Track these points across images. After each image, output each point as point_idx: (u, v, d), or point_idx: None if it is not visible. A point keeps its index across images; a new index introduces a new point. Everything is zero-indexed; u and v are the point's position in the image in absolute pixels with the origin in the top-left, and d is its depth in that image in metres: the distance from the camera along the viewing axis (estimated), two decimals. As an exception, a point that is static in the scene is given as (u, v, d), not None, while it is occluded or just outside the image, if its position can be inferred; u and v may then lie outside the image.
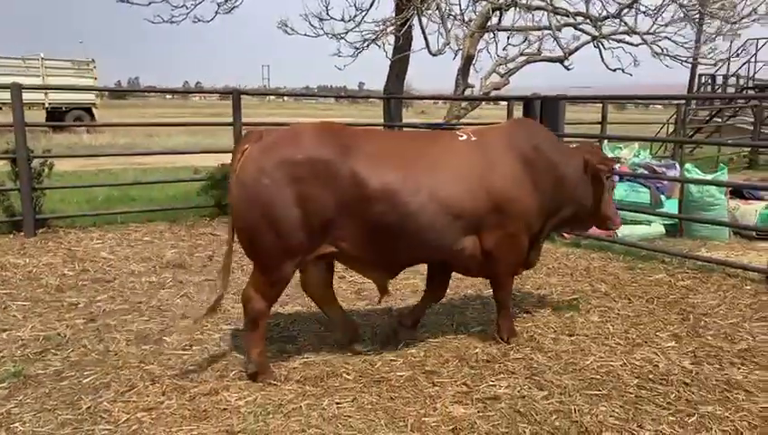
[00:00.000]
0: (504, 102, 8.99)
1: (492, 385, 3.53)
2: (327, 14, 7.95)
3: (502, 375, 3.65)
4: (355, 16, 7.78)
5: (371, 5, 7.82)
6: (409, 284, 5.44)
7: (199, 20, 8.63)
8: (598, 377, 3.64)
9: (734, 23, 8.72)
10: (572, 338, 4.22)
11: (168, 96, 68.83)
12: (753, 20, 8.54)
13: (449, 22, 8.34)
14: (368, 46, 8.15)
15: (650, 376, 3.65)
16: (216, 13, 8.91)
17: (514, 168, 3.80)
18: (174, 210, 8.09)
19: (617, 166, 4.58)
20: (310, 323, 4.50)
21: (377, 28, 7.97)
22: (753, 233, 7.17)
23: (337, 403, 3.30)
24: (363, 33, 7.88)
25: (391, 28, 7.99)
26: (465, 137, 3.90)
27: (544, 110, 7.48)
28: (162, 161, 14.33)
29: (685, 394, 3.43)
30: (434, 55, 7.77)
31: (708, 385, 3.54)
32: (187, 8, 8.50)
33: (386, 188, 3.43)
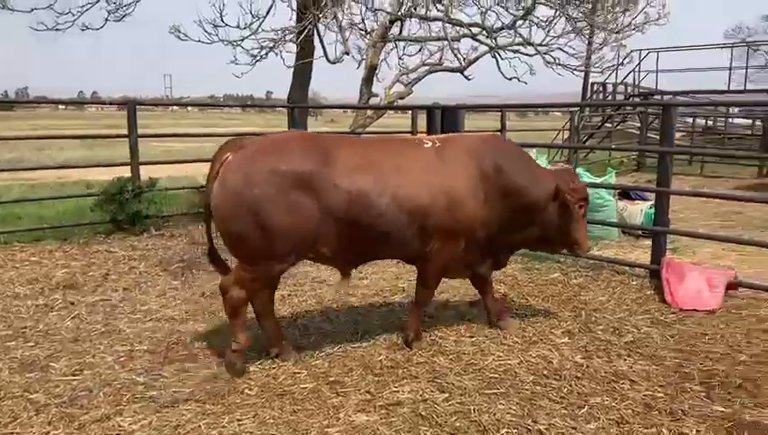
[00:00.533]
0: (409, 111, 9.18)
1: (395, 391, 3.56)
2: (221, 20, 7.81)
3: (405, 380, 3.69)
4: (251, 23, 7.68)
5: (268, 13, 7.77)
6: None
7: (88, 27, 8.23)
8: (496, 376, 3.76)
9: (617, 32, 9.35)
10: (473, 339, 4.34)
11: (61, 107, 65.09)
12: (634, 29, 9.21)
13: (347, 31, 8.41)
14: (266, 55, 8.07)
15: (545, 372, 3.81)
16: (107, 20, 8.54)
17: (470, 178, 4.00)
18: (65, 228, 7.64)
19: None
20: (213, 338, 4.37)
21: (275, 36, 7.92)
22: (639, 232, 7.65)
23: (238, 420, 3.23)
24: (260, 40, 7.80)
25: (291, 36, 7.95)
26: (430, 144, 4.13)
27: (445, 118, 7.69)
28: (53, 176, 13.53)
29: (576, 387, 3.60)
30: (332, 63, 7.81)
31: (597, 377, 3.74)
32: (73, 15, 8.09)
33: (362, 194, 3.65)
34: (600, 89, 20.68)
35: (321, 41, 7.03)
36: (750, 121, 19.78)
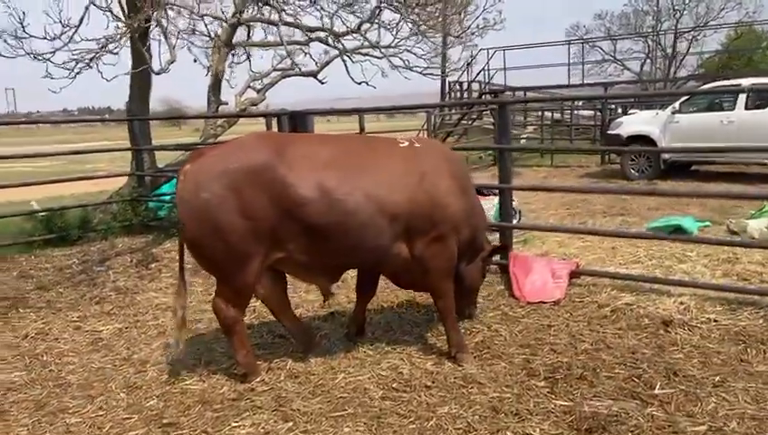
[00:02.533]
0: (262, 118, 8.82)
1: (235, 426, 3.28)
2: (24, 31, 6.99)
3: (247, 413, 3.42)
4: (61, 34, 6.96)
5: (81, 22, 7.07)
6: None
7: None
8: (345, 395, 3.58)
9: (458, 36, 9.63)
10: (324, 357, 4.14)
11: None
12: (473, 34, 9.54)
13: (174, 38, 7.87)
14: (84, 68, 7.34)
15: (394, 385, 3.69)
16: None
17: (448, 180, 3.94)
18: None
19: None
20: (30, 389, 3.84)
21: (95, 46, 7.25)
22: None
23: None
24: (75, 52, 7.08)
25: (113, 46, 7.34)
26: (406, 144, 4.02)
27: (295, 124, 7.44)
28: None
29: (425, 398, 3.51)
30: (157, 74, 7.32)
31: (447, 384, 3.68)
32: None
33: (321, 191, 3.51)
34: (458, 87, 21.44)
35: (141, 51, 6.47)
36: (593, 113, 21.38)
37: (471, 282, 4.46)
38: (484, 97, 18.29)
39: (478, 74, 19.24)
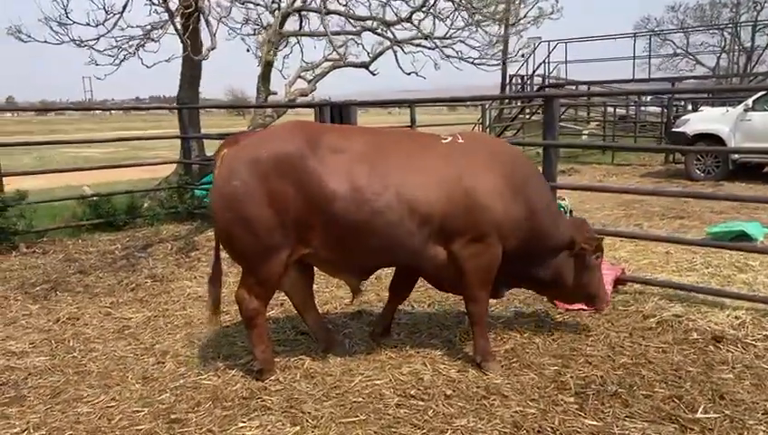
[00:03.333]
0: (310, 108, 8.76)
1: (242, 427, 3.18)
2: (67, 17, 7.08)
3: (256, 413, 3.31)
4: (105, 20, 7.04)
5: (124, 8, 7.11)
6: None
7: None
8: (360, 400, 3.42)
9: (512, 24, 9.26)
10: (344, 358, 3.99)
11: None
12: (529, 23, 9.15)
13: (216, 24, 7.77)
14: (133, 54, 7.41)
15: (413, 392, 3.50)
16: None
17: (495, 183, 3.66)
18: None
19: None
20: (51, 375, 3.86)
21: (140, 33, 7.29)
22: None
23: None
24: (118, 39, 7.14)
25: (157, 34, 7.37)
26: (449, 139, 3.80)
27: (339, 115, 7.32)
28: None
29: (443, 408, 3.31)
30: (198, 60, 7.28)
31: (468, 394, 3.47)
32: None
33: (350, 187, 3.38)
34: (519, 81, 20.89)
35: (180, 35, 6.44)
36: (660, 109, 20.42)
37: (562, 279, 4.07)
38: (545, 91, 17.71)
39: (538, 67, 18.66)
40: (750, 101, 11.51)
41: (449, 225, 3.54)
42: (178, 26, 6.93)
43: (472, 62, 9.52)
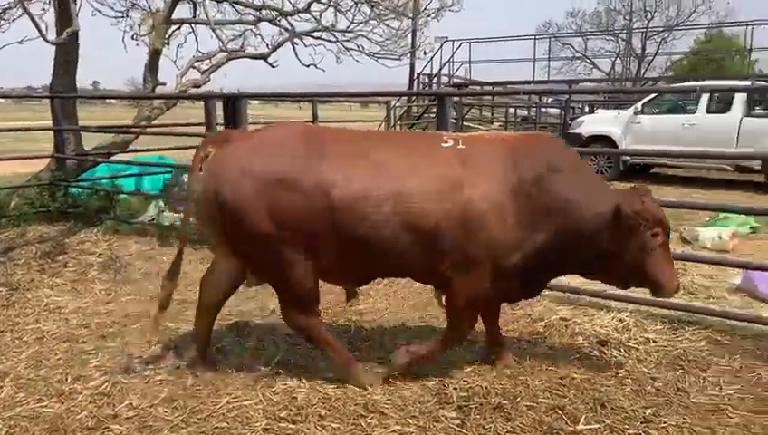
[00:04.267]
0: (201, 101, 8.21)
1: (79, 464, 2.76)
2: None
3: (98, 446, 2.90)
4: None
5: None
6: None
7: None
8: (223, 426, 3.08)
9: (413, 17, 9.15)
10: (215, 373, 3.62)
11: None
12: (429, 15, 9.07)
13: (76, 3, 7.04)
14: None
15: (283, 414, 3.18)
16: None
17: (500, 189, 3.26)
18: None
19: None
20: None
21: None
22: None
23: None
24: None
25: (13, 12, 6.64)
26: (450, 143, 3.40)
27: (232, 109, 6.86)
28: None
29: (315, 430, 3.03)
30: (52, 44, 6.63)
31: (345, 413, 3.20)
32: None
33: (356, 197, 3.14)
34: (426, 79, 20.95)
35: (33, 18, 5.75)
36: (559, 111, 21.14)
37: (612, 261, 3.40)
38: (452, 90, 17.84)
39: (444, 66, 18.80)
40: (639, 105, 12.01)
41: (442, 238, 3.25)
42: (27, 6, 6.19)
43: (373, 57, 9.31)
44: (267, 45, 10.64)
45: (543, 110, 21.62)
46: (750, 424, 3.11)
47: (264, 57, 10.41)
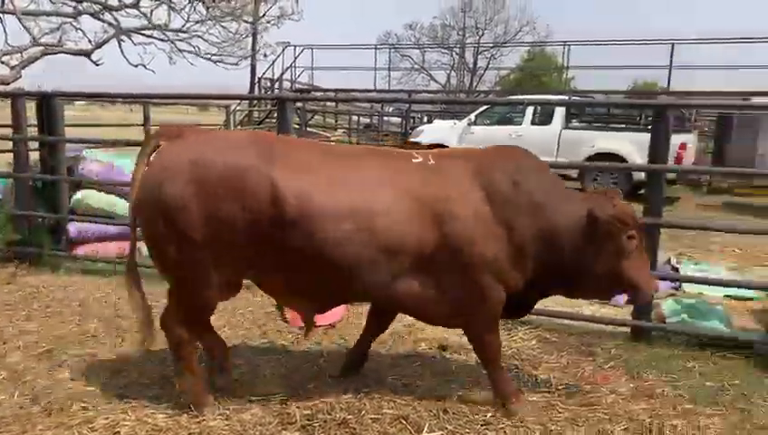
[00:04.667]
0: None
1: None
2: None
3: None
4: None
5: None
6: None
7: None
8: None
9: (252, 22, 8.90)
10: (21, 410, 3.14)
11: None
12: (268, 22, 8.87)
13: None
14: None
15: (103, 453, 2.83)
16: None
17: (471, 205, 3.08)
18: None
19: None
20: None
21: None
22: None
23: None
24: None
25: None
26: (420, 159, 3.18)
27: (47, 108, 6.13)
28: None
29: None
30: None
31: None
32: None
33: (309, 213, 2.88)
34: (268, 84, 20.56)
35: None
36: (400, 120, 21.82)
37: (585, 272, 3.25)
38: (295, 94, 17.66)
39: (285, 71, 18.59)
40: (473, 116, 12.68)
41: (424, 259, 3.07)
42: None
43: (210, 59, 8.89)
44: (90, 42, 9.80)
45: (385, 118, 22.23)
46: (577, 418, 3.30)
47: (86, 54, 9.58)
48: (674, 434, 3.15)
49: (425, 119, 17.77)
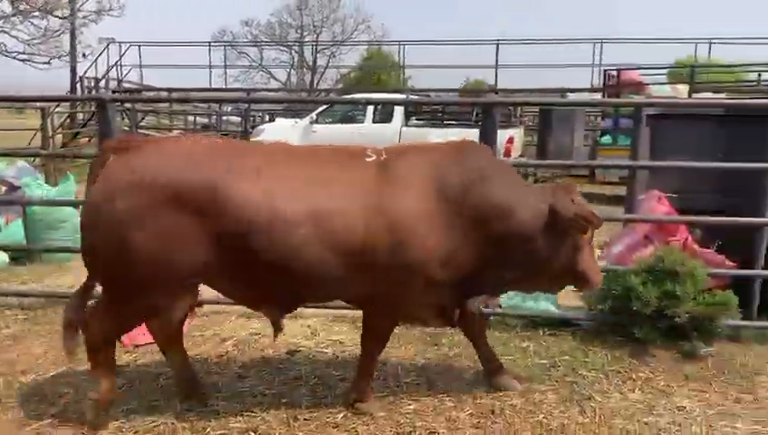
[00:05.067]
0: None
1: None
2: None
3: None
4: None
5: None
6: None
7: None
8: None
9: (65, 17, 8.13)
10: None
11: None
12: (85, 18, 8.15)
13: None
14: None
15: None
16: None
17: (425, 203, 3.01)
18: None
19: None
20: None
21: None
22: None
23: None
24: None
25: None
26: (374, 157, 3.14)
27: None
28: None
29: None
30: None
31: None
32: None
33: (268, 217, 2.82)
34: (92, 84, 18.99)
35: None
36: (239, 119, 21.18)
37: (546, 265, 3.26)
38: (117, 95, 16.45)
39: (110, 69, 17.30)
40: (314, 115, 12.65)
41: (369, 258, 2.98)
42: None
43: (15, 57, 7.98)
44: None
45: (224, 118, 21.52)
46: (425, 408, 3.38)
47: None
48: (513, 413, 3.33)
49: (266, 118, 17.43)
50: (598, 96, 14.86)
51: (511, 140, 11.61)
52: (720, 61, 17.74)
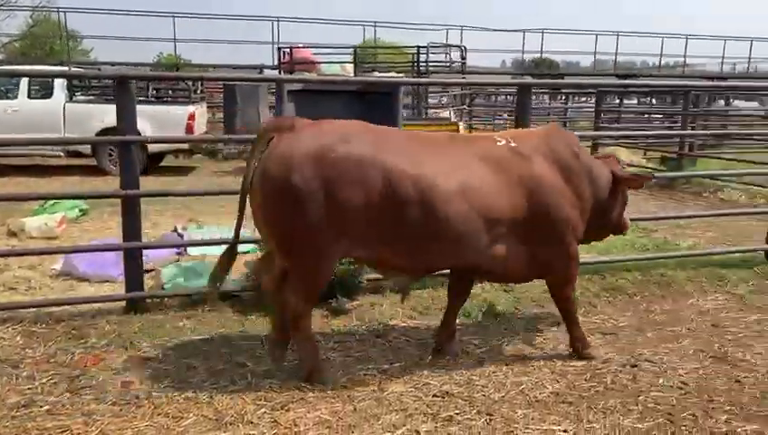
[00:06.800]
0: None
1: None
2: None
3: None
4: None
5: None
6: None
7: None
8: None
9: None
10: None
11: None
12: None
13: None
14: None
15: None
16: None
17: (556, 175, 3.61)
18: None
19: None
20: None
21: None
22: None
23: None
24: None
25: None
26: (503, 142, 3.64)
27: None
28: None
29: None
30: None
31: None
32: None
33: (424, 192, 3.23)
34: None
35: None
36: None
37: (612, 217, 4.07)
38: None
39: None
40: None
41: (517, 227, 3.53)
42: None
43: None
44: None
45: None
46: (60, 403, 3.12)
47: None
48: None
49: None
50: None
51: (192, 117, 11.31)
52: (383, 43, 19.73)
